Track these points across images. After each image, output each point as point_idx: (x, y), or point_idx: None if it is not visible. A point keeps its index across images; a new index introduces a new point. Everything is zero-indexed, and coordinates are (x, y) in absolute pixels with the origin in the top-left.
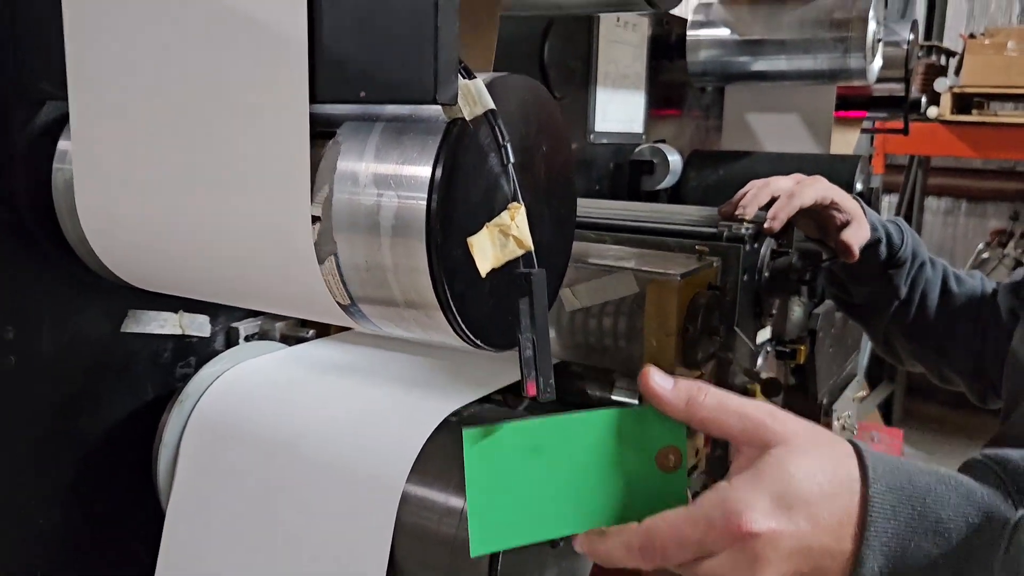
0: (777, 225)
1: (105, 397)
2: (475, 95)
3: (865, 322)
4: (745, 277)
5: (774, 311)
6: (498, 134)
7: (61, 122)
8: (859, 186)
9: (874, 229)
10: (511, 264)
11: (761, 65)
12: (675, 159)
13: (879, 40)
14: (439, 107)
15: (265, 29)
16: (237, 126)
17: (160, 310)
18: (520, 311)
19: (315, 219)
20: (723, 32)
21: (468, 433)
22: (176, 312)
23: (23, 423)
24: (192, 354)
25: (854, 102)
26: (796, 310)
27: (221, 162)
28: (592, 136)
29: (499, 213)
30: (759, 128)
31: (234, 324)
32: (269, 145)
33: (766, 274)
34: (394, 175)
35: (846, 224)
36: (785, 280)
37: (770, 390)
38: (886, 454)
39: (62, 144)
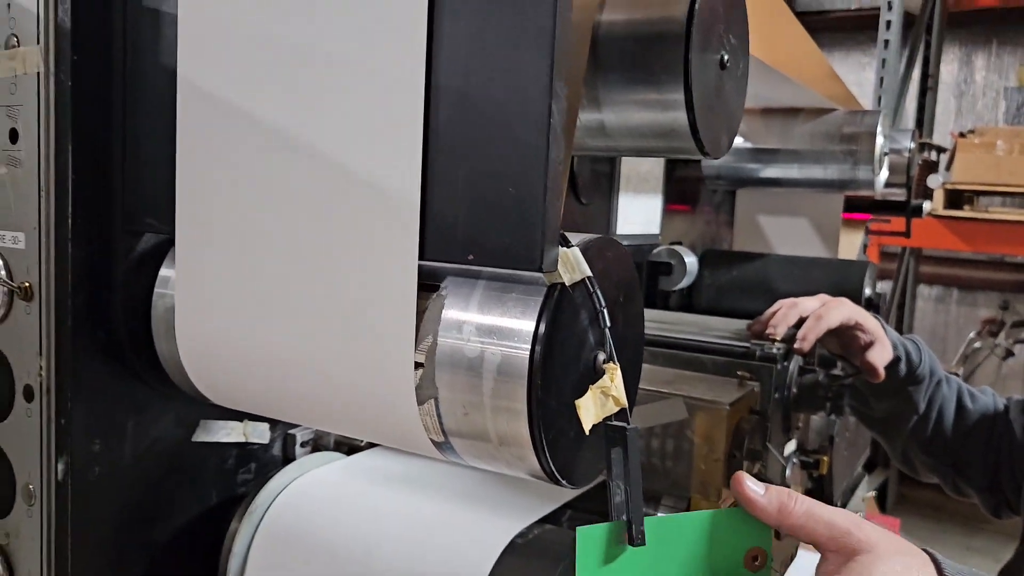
0: (807, 346)
1: (176, 503)
2: (574, 262)
3: (884, 435)
4: (776, 395)
5: (800, 424)
6: (595, 300)
7: (161, 249)
8: (867, 291)
9: (894, 347)
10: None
11: (773, 172)
12: (691, 260)
13: (886, 153)
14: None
15: (379, 190)
16: (346, 274)
17: (226, 419)
18: (611, 460)
19: (418, 365)
20: (737, 140)
21: (582, 531)
22: (241, 420)
23: (103, 531)
24: (253, 460)
25: (858, 205)
26: (815, 419)
27: (328, 305)
28: None
29: (586, 362)
30: (769, 229)
31: (291, 431)
32: (377, 295)
33: (794, 391)
34: (498, 327)
35: (870, 344)
36: (812, 396)
37: None
38: (959, 564)
39: (164, 271)
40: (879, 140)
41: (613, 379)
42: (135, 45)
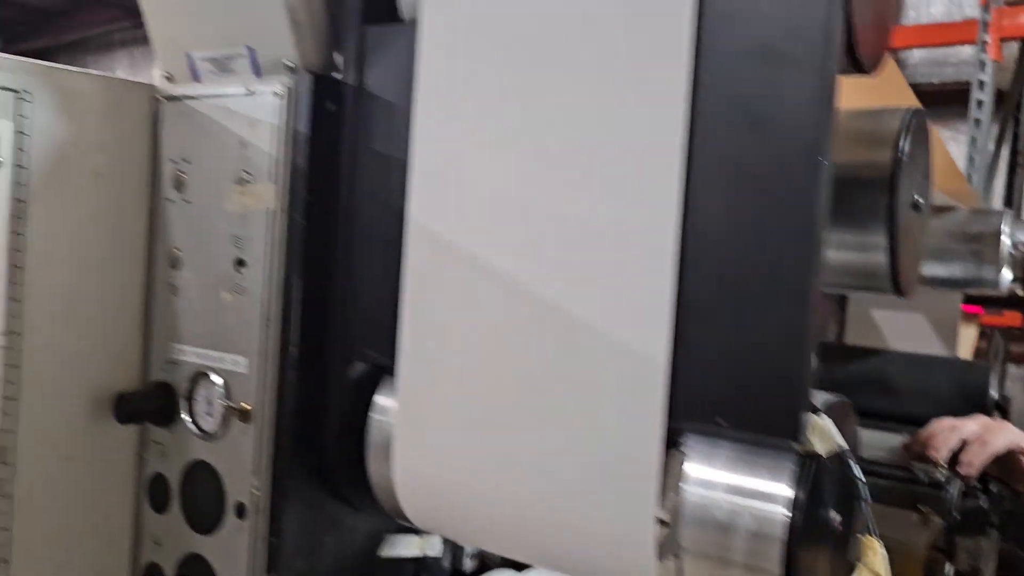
0: (974, 472)
1: None
2: (827, 434)
3: None
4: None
5: (963, 552)
6: (853, 473)
7: (373, 377)
8: (994, 395)
9: None
10: None
11: None
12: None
13: (1011, 253)
14: None
15: (626, 351)
16: (586, 428)
17: (404, 532)
18: None
19: (660, 521)
20: None
21: None
22: (418, 534)
23: None
24: (426, 571)
25: (970, 298)
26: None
27: (565, 455)
28: None
29: (832, 524)
30: (884, 323)
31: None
32: (619, 452)
33: (957, 516)
34: (752, 489)
35: None
36: (976, 522)
37: None
38: None
39: (380, 399)
40: (1005, 240)
41: (876, 555)
42: (360, 185)
